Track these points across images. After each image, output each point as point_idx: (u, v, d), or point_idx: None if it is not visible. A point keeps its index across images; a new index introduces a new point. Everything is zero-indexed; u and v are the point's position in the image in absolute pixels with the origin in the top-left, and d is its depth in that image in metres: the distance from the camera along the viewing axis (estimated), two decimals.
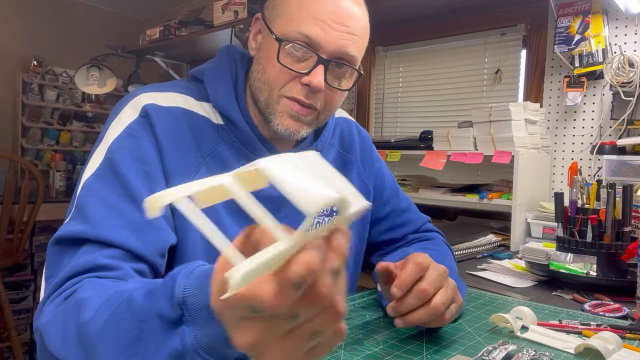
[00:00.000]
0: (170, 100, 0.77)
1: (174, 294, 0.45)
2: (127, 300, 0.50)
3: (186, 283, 0.45)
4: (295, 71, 0.75)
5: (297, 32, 0.73)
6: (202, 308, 0.43)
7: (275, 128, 0.78)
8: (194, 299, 0.44)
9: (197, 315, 0.44)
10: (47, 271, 0.64)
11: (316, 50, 0.74)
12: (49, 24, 3.44)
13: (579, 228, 1.12)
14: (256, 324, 0.34)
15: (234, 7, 2.23)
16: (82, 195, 0.67)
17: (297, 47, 0.74)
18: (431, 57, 2.29)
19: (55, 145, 3.54)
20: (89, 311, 0.52)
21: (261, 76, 0.78)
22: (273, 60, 0.75)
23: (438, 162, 1.75)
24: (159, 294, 0.47)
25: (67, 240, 0.64)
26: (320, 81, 0.74)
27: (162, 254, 0.69)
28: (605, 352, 0.65)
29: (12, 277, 2.97)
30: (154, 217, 0.66)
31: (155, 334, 0.45)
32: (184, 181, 0.74)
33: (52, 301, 0.59)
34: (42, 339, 0.57)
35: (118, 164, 0.69)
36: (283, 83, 0.76)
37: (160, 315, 0.46)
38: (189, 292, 0.44)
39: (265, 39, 0.78)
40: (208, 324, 0.43)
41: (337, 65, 0.77)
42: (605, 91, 1.69)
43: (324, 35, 0.73)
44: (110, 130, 0.73)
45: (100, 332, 0.50)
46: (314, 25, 0.73)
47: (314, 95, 0.76)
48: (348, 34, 0.75)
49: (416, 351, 0.68)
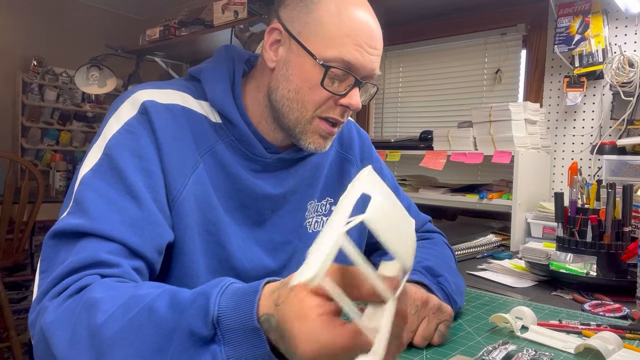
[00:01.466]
0: (168, 97, 0.77)
1: (209, 312, 0.46)
2: (148, 308, 0.50)
3: (221, 301, 0.46)
4: (334, 93, 0.76)
5: (340, 58, 0.74)
6: (236, 329, 0.45)
7: (306, 146, 0.80)
8: (229, 319, 0.45)
9: (231, 336, 0.45)
10: (41, 265, 0.63)
11: (354, 73, 0.76)
12: (49, 24, 3.44)
13: (579, 228, 1.12)
14: None
15: (234, 7, 2.23)
16: (80, 190, 0.66)
17: (339, 71, 0.75)
18: (431, 57, 2.29)
19: (55, 145, 3.54)
20: (102, 313, 0.52)
21: (294, 96, 0.77)
22: (311, 83, 0.76)
23: (438, 162, 1.75)
24: (190, 310, 0.47)
25: (65, 233, 0.63)
26: (359, 102, 0.77)
27: (160, 251, 0.69)
28: (605, 352, 0.65)
29: (12, 277, 2.97)
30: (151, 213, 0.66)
31: (185, 350, 0.46)
32: (182, 178, 0.74)
33: (53, 298, 0.58)
34: (41, 337, 0.56)
35: (117, 160, 0.68)
36: (320, 104, 0.77)
37: (192, 332, 0.46)
38: (224, 311, 0.45)
39: (296, 57, 0.77)
40: (242, 345, 0.44)
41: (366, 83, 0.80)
42: (605, 91, 1.69)
43: (362, 60, 0.75)
44: (108, 127, 0.73)
45: (116, 337, 0.49)
46: (355, 51, 0.75)
47: (347, 113, 0.79)
48: (377, 56, 0.78)
49: (416, 351, 0.68)
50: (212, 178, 0.77)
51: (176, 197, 0.73)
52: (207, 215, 0.76)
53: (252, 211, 0.82)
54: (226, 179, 0.79)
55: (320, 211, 0.92)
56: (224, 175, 0.79)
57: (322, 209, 0.92)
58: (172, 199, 0.72)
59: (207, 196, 0.76)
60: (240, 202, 0.80)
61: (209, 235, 0.76)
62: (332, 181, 0.93)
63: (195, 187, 0.75)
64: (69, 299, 0.56)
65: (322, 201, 0.92)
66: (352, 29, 0.74)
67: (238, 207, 0.80)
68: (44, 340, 0.56)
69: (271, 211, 0.84)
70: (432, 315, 0.69)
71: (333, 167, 0.94)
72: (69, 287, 0.58)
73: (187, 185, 0.74)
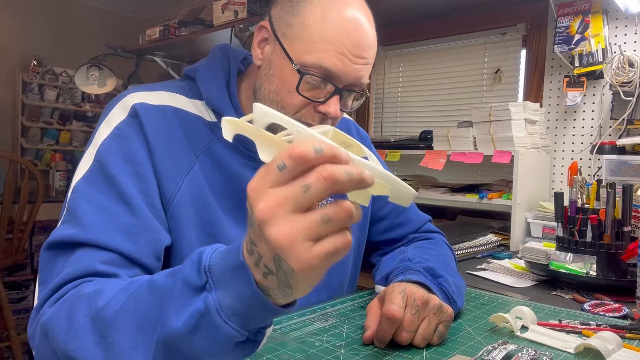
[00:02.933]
0: (160, 99, 0.77)
1: (202, 262, 0.47)
2: (148, 282, 0.52)
3: (213, 255, 0.47)
4: (312, 100, 0.75)
5: (319, 64, 0.72)
6: (225, 272, 0.45)
7: None
8: (219, 266, 0.46)
9: (221, 280, 0.45)
10: (40, 277, 0.63)
11: (334, 81, 0.74)
12: (49, 24, 3.44)
13: (579, 228, 1.12)
14: (278, 191, 0.40)
15: (234, 7, 2.23)
16: (73, 199, 0.66)
17: (316, 79, 0.73)
18: (431, 57, 2.29)
19: (55, 145, 3.54)
20: (103, 300, 0.53)
21: (274, 97, 0.77)
22: (289, 87, 0.74)
23: (438, 162, 1.75)
24: (184, 267, 0.49)
25: (60, 244, 0.63)
26: (337, 111, 0.75)
27: (158, 257, 0.68)
28: (605, 352, 0.65)
29: (12, 277, 2.97)
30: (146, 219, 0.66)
31: (179, 300, 0.47)
32: (176, 181, 0.74)
33: (52, 305, 0.58)
34: (42, 337, 0.56)
35: (108, 166, 0.68)
36: (298, 109, 0.76)
37: (186, 282, 0.47)
38: (215, 261, 0.46)
39: (279, 59, 0.76)
40: (230, 286, 0.45)
41: (349, 92, 0.78)
42: (605, 91, 1.69)
43: (344, 68, 0.73)
44: (99, 132, 0.73)
45: (118, 314, 0.51)
46: (336, 58, 0.72)
47: (326, 120, 0.77)
48: (365, 65, 0.76)
49: (416, 351, 0.68)
50: (208, 178, 0.77)
51: (171, 199, 0.72)
52: (204, 216, 0.76)
53: None
54: (224, 179, 0.78)
55: None
56: (221, 175, 0.78)
57: None
58: (167, 202, 0.72)
59: (204, 197, 0.76)
60: (239, 201, 0.80)
61: (207, 237, 0.76)
62: None
63: (191, 188, 0.75)
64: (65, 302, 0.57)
65: (322, 200, 0.91)
66: (336, 36, 0.72)
67: (237, 207, 0.80)
68: (44, 338, 0.56)
69: None
70: (432, 315, 0.69)
71: None
72: (65, 295, 0.58)
73: (181, 188, 0.74)
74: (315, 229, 0.40)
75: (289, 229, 0.39)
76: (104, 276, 0.60)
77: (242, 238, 0.45)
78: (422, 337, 0.68)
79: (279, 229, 0.39)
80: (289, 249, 0.39)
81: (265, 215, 0.39)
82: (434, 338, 0.69)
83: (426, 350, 0.69)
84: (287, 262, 0.39)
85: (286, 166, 0.39)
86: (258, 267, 0.43)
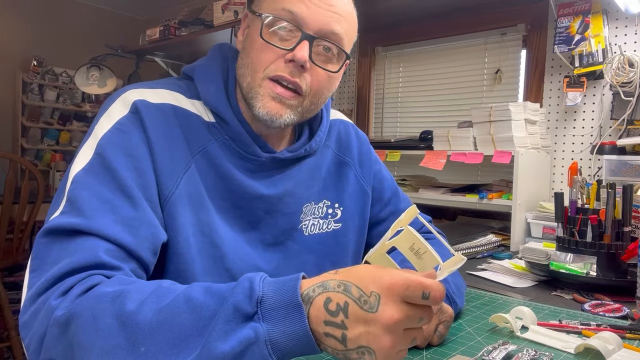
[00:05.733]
0: (160, 97, 0.77)
1: (254, 290, 0.50)
2: (184, 296, 0.52)
3: (264, 284, 0.51)
4: (279, 47, 0.74)
5: (281, 8, 0.73)
6: (279, 307, 0.49)
7: (257, 112, 0.76)
8: (271, 299, 0.49)
9: (272, 313, 0.49)
10: (32, 263, 0.61)
11: (300, 27, 0.73)
12: (49, 24, 3.44)
13: (579, 228, 1.12)
14: (408, 309, 0.49)
15: (234, 7, 2.23)
16: (73, 189, 0.65)
17: (282, 25, 0.73)
18: (431, 57, 2.29)
19: (55, 145, 3.54)
20: (131, 302, 0.52)
21: (245, 61, 0.77)
22: (257, 41, 0.74)
23: (438, 162, 1.75)
24: (235, 292, 0.50)
25: (59, 231, 0.61)
26: (305, 55, 0.73)
27: (155, 252, 0.68)
28: (605, 352, 0.65)
29: (12, 277, 2.97)
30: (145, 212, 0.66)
31: (226, 323, 0.49)
32: (174, 178, 0.74)
33: (60, 296, 0.56)
34: (58, 335, 0.54)
35: (109, 159, 0.67)
36: (267, 63, 0.75)
37: (237, 307, 0.49)
38: (268, 293, 0.50)
39: (251, 26, 0.78)
40: (282, 322, 0.48)
41: (324, 48, 0.76)
42: (605, 91, 1.69)
43: (307, 11, 0.73)
44: (99, 126, 0.72)
45: (154, 324, 0.50)
46: (298, 1, 0.73)
47: (299, 73, 0.75)
48: (333, 12, 0.75)
49: (416, 351, 0.68)
50: (204, 178, 0.77)
51: (168, 197, 0.72)
52: (200, 215, 0.76)
53: (245, 212, 0.81)
54: (219, 179, 0.78)
55: (317, 214, 0.90)
56: (216, 175, 0.78)
57: (319, 211, 0.91)
58: (164, 199, 0.72)
59: (200, 196, 0.76)
60: (233, 202, 0.79)
61: (203, 236, 0.75)
62: (329, 183, 0.92)
63: (188, 187, 0.74)
64: (79, 297, 0.55)
65: (319, 204, 0.91)
66: None
67: (231, 208, 0.79)
68: (61, 332, 0.54)
69: (264, 212, 0.83)
70: (433, 315, 0.69)
71: (331, 169, 0.93)
72: (74, 286, 0.56)
73: (179, 186, 0.73)
74: (409, 343, 0.51)
75: (396, 343, 0.48)
76: (108, 268, 0.60)
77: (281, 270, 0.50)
78: (422, 337, 0.68)
79: (392, 338, 0.48)
80: (386, 352, 0.48)
81: (392, 321, 0.47)
82: (434, 338, 0.69)
83: (426, 350, 0.69)
84: (376, 357, 0.48)
85: (429, 298, 0.48)
86: (326, 326, 0.49)
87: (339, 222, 0.92)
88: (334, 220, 0.92)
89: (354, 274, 0.51)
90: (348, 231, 0.93)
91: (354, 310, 0.48)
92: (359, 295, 0.49)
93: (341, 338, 0.49)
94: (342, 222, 0.92)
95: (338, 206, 0.92)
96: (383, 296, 0.48)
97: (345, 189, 0.94)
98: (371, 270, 0.51)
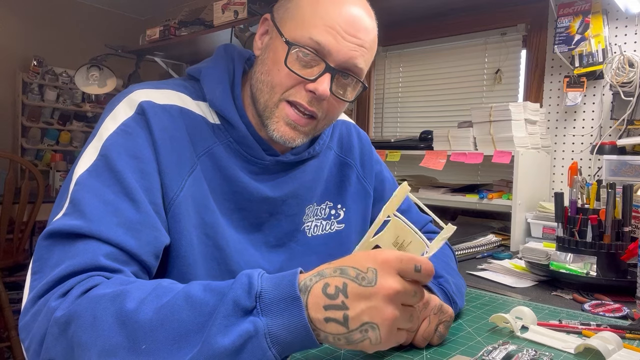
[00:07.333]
0: (166, 98, 0.76)
1: (252, 285, 0.51)
2: (184, 294, 0.53)
3: (262, 280, 0.52)
4: (301, 77, 0.73)
5: (308, 37, 0.72)
6: (278, 301, 0.50)
7: (270, 133, 0.77)
8: (270, 294, 0.51)
9: (271, 307, 0.50)
10: (34, 266, 0.61)
11: (325, 58, 0.73)
12: (49, 24, 3.44)
13: (579, 228, 1.12)
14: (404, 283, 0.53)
15: (234, 7, 2.23)
16: (76, 191, 0.65)
17: (306, 52, 0.73)
18: (431, 57, 2.29)
19: (55, 145, 3.54)
20: (131, 301, 0.52)
21: (265, 78, 0.77)
22: (280, 64, 0.74)
23: (438, 162, 1.75)
24: (234, 288, 0.52)
25: (61, 234, 0.61)
26: (326, 89, 0.73)
27: (157, 256, 0.68)
28: (605, 352, 0.65)
29: (12, 277, 2.97)
30: (149, 215, 0.66)
31: (226, 318, 0.49)
32: (179, 180, 0.74)
33: (60, 297, 0.56)
34: (57, 336, 0.54)
35: (113, 161, 0.67)
36: (287, 87, 0.75)
37: (236, 302, 0.50)
38: (266, 287, 0.51)
39: (274, 41, 0.77)
40: (280, 315, 0.50)
41: (343, 75, 0.76)
42: (605, 91, 1.69)
43: (335, 44, 0.73)
44: (104, 127, 0.71)
45: (154, 321, 0.51)
46: (326, 32, 0.72)
47: (317, 103, 0.75)
48: (359, 45, 0.75)
49: (416, 351, 0.68)
50: (209, 180, 0.76)
51: (173, 199, 0.72)
52: (205, 218, 0.75)
53: (249, 214, 0.81)
54: (223, 181, 0.78)
55: (320, 215, 0.91)
56: (221, 177, 0.77)
57: (321, 212, 0.91)
58: (169, 201, 0.71)
59: (205, 198, 0.75)
60: (238, 204, 0.79)
61: (207, 239, 0.75)
62: (331, 185, 0.92)
63: (193, 189, 0.74)
64: (79, 298, 0.55)
65: (321, 205, 0.91)
66: (329, 12, 0.72)
67: (235, 210, 0.79)
68: (60, 333, 0.54)
69: (269, 214, 0.83)
70: (432, 315, 0.69)
71: (333, 170, 0.93)
72: (74, 287, 0.57)
73: (184, 188, 0.73)
74: (407, 322, 0.54)
75: (397, 315, 0.51)
76: (108, 271, 0.60)
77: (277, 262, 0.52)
78: (422, 337, 0.68)
79: (393, 309, 0.50)
80: (390, 325, 0.50)
81: (392, 290, 0.50)
82: (434, 338, 0.69)
83: (426, 350, 0.69)
84: (380, 332, 0.50)
85: (421, 271, 0.53)
86: (326, 311, 0.50)
87: (342, 223, 0.92)
88: (336, 221, 0.92)
89: (348, 258, 0.54)
90: (351, 232, 0.93)
91: (353, 288, 0.50)
92: (356, 274, 0.51)
93: (343, 319, 0.50)
94: (345, 222, 0.93)
95: (340, 207, 0.93)
96: (379, 269, 0.51)
97: (348, 190, 0.94)
98: (364, 252, 0.54)
